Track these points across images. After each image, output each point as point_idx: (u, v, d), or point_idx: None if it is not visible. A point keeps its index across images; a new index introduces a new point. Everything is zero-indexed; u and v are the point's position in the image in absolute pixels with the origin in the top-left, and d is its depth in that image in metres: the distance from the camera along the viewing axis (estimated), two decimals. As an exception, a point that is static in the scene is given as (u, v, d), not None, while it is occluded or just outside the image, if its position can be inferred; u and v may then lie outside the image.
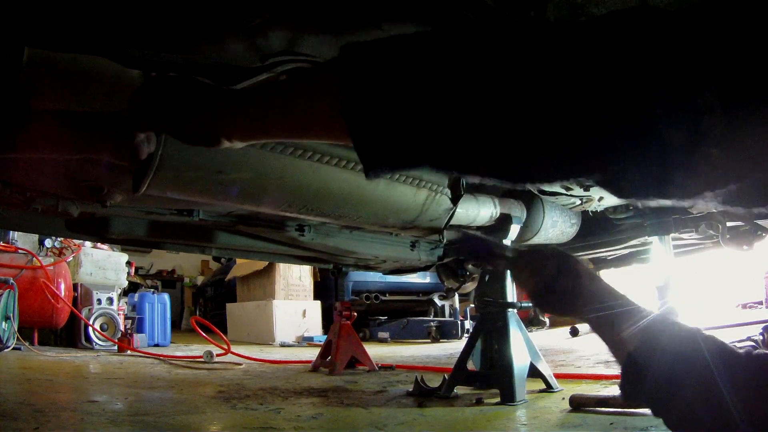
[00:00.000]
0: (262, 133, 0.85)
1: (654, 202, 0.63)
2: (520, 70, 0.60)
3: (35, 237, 4.97)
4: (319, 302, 6.46)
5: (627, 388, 0.84)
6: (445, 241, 2.46)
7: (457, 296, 6.22)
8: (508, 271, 1.04)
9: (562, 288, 0.94)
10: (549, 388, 2.18)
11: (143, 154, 1.03)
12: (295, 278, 6.48)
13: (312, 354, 3.74)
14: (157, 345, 5.46)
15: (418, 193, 1.77)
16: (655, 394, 0.81)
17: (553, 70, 0.59)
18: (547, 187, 2.02)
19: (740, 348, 0.81)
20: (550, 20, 0.95)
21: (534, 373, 2.15)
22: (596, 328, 0.92)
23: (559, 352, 3.84)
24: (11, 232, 4.74)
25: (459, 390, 2.19)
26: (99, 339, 4.76)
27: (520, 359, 2.07)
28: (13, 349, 4.10)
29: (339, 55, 0.70)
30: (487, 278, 2.26)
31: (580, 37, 0.60)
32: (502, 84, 0.60)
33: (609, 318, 0.89)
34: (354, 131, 0.68)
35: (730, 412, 0.71)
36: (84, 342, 4.76)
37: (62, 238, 5.04)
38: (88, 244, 5.10)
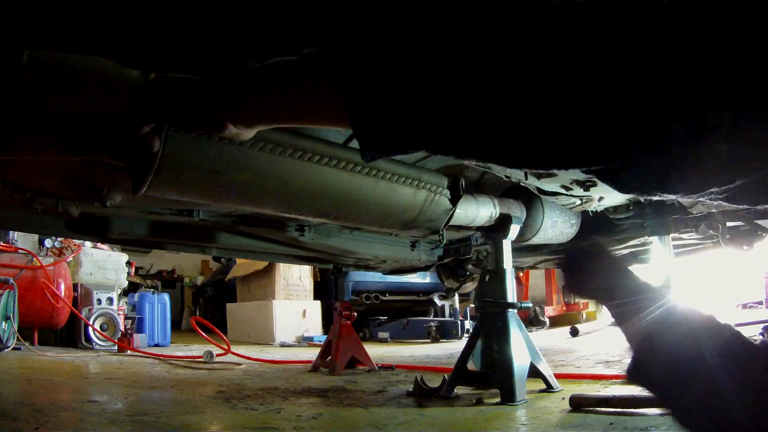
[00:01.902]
0: (266, 117, 0.85)
1: (656, 197, 0.62)
2: (521, 53, 0.59)
3: (35, 237, 4.97)
4: (319, 302, 6.45)
5: (636, 371, 0.83)
6: (444, 241, 2.46)
7: (457, 296, 6.23)
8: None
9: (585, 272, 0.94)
10: (549, 388, 2.18)
11: (155, 146, 1.03)
12: (295, 278, 6.48)
13: (312, 354, 3.74)
14: (157, 345, 5.46)
15: (417, 194, 1.77)
16: (663, 381, 0.80)
17: (554, 55, 0.58)
18: (546, 187, 2.02)
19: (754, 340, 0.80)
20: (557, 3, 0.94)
21: (534, 373, 2.15)
22: (611, 312, 0.92)
23: (559, 352, 3.84)
24: (11, 232, 4.74)
25: (459, 390, 2.19)
26: (99, 339, 4.76)
27: (520, 359, 2.07)
28: (13, 349, 4.10)
29: (340, 39, 0.71)
30: (487, 278, 2.26)
31: (584, 21, 0.59)
32: (502, 67, 0.60)
33: (622, 304, 0.89)
34: (352, 112, 0.68)
35: (740, 402, 0.71)
36: (84, 342, 4.76)
37: (62, 238, 5.04)
38: (88, 244, 5.10)
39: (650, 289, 0.88)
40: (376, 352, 4.03)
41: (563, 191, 2.00)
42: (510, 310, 2.15)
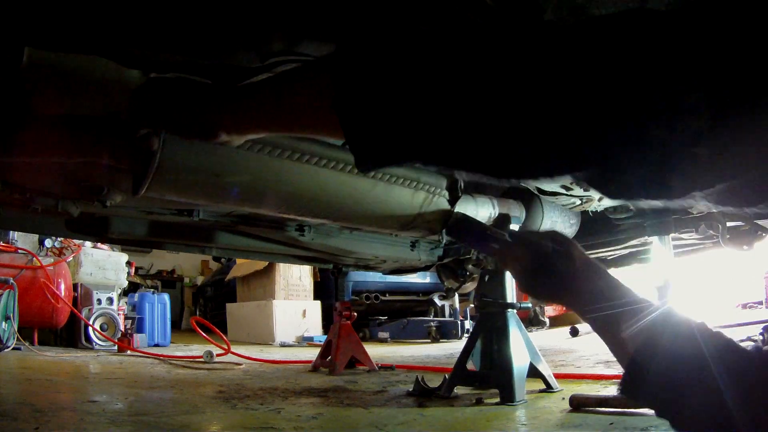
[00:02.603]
0: (259, 126, 0.86)
1: (644, 203, 0.63)
2: (511, 69, 0.60)
3: (35, 237, 4.97)
4: (319, 302, 6.46)
5: (629, 387, 0.81)
6: (444, 241, 2.46)
7: (457, 296, 6.23)
8: (499, 256, 0.95)
9: (554, 271, 0.86)
10: (549, 388, 2.18)
11: (153, 147, 1.03)
12: (295, 278, 6.48)
13: (312, 354, 3.74)
14: (157, 345, 5.46)
15: (415, 195, 1.77)
16: (659, 394, 0.78)
17: (544, 69, 0.59)
18: (546, 187, 2.02)
19: (747, 345, 0.79)
20: (548, 20, 0.95)
21: (534, 373, 2.15)
22: (593, 323, 0.87)
23: (559, 352, 3.84)
24: (11, 232, 4.74)
25: (459, 390, 2.19)
26: (99, 339, 4.76)
27: (519, 359, 2.07)
28: (13, 349, 4.10)
29: (333, 52, 0.71)
30: (487, 278, 2.26)
31: (572, 38, 0.60)
32: (491, 82, 0.61)
33: (608, 313, 0.84)
34: (345, 125, 0.69)
35: (737, 411, 0.70)
36: (84, 342, 4.76)
37: (62, 238, 5.04)
38: (88, 244, 5.10)
39: (633, 295, 0.84)
40: (376, 352, 4.03)
41: (563, 191, 2.00)
42: (510, 310, 2.15)
